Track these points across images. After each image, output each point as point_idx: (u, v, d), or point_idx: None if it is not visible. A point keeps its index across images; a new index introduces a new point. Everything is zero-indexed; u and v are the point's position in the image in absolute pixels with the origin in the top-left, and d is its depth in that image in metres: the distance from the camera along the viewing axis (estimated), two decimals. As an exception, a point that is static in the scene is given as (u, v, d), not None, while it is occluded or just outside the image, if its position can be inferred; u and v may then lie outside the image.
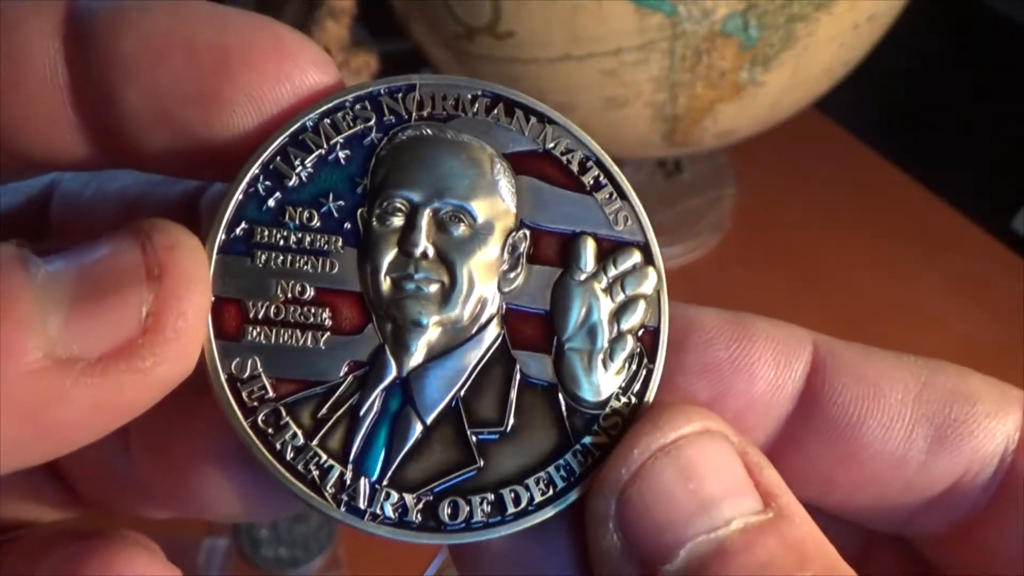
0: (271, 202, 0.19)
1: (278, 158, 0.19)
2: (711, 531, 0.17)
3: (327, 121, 0.19)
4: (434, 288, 0.19)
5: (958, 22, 0.83)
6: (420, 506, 0.18)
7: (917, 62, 0.81)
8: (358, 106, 0.20)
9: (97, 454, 0.21)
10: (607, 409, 0.19)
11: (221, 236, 0.19)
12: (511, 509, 0.19)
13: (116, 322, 0.16)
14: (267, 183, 0.19)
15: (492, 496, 0.19)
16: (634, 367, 0.20)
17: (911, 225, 0.72)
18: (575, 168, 0.20)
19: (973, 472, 0.20)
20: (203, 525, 0.54)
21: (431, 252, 0.19)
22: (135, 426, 0.18)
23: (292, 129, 0.19)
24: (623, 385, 0.19)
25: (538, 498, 0.19)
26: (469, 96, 0.20)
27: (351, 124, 0.20)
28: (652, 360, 0.20)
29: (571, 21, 0.51)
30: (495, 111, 0.20)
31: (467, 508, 0.19)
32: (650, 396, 0.20)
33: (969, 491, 0.20)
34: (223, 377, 0.18)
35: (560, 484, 0.19)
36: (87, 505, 0.23)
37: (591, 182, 0.20)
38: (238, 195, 0.19)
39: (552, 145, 0.20)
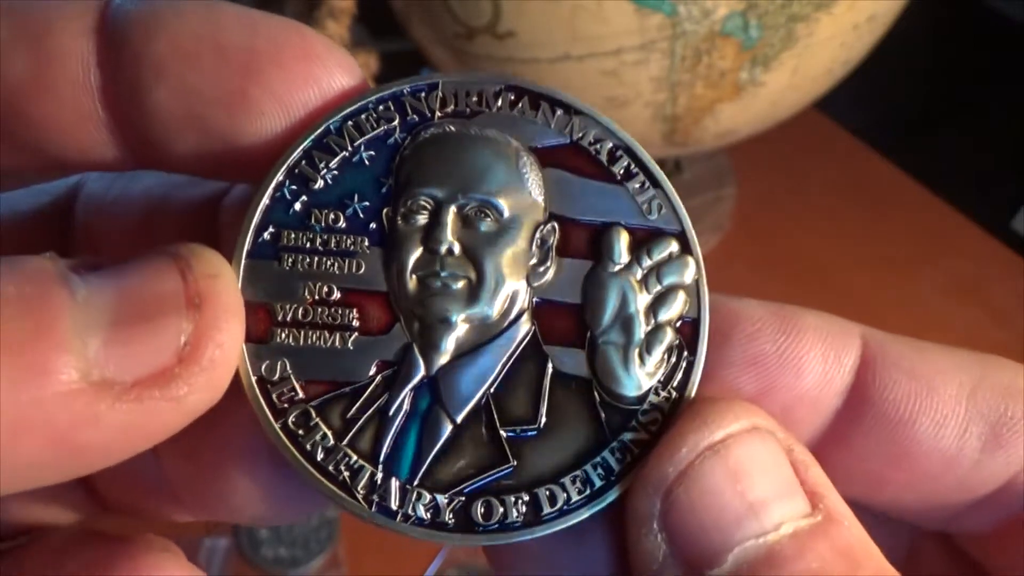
0: (297, 205, 0.19)
1: (303, 162, 0.19)
2: (760, 535, 0.16)
3: (351, 123, 0.19)
4: (461, 285, 0.19)
5: (958, 22, 0.83)
6: (453, 507, 0.18)
7: (917, 62, 0.81)
8: (381, 107, 0.19)
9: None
10: (645, 404, 0.19)
11: (249, 241, 0.19)
12: (547, 509, 0.18)
13: (154, 348, 0.15)
14: (293, 187, 0.19)
15: (527, 496, 0.18)
16: (674, 360, 0.19)
17: (911, 225, 0.72)
18: (604, 158, 0.20)
19: None
20: (203, 525, 0.54)
21: (456, 249, 0.19)
22: None
23: (316, 133, 0.19)
24: (662, 379, 0.19)
25: (575, 497, 0.18)
26: (493, 91, 0.20)
27: (375, 125, 0.19)
28: (692, 352, 0.19)
29: (571, 21, 0.51)
30: (520, 105, 0.20)
31: (501, 509, 0.18)
32: (691, 390, 0.19)
33: (1021, 490, 0.19)
34: (253, 379, 0.18)
35: (598, 483, 0.18)
36: (110, 508, 0.23)
37: (621, 171, 0.20)
38: (264, 200, 0.19)
39: (580, 136, 0.20)
